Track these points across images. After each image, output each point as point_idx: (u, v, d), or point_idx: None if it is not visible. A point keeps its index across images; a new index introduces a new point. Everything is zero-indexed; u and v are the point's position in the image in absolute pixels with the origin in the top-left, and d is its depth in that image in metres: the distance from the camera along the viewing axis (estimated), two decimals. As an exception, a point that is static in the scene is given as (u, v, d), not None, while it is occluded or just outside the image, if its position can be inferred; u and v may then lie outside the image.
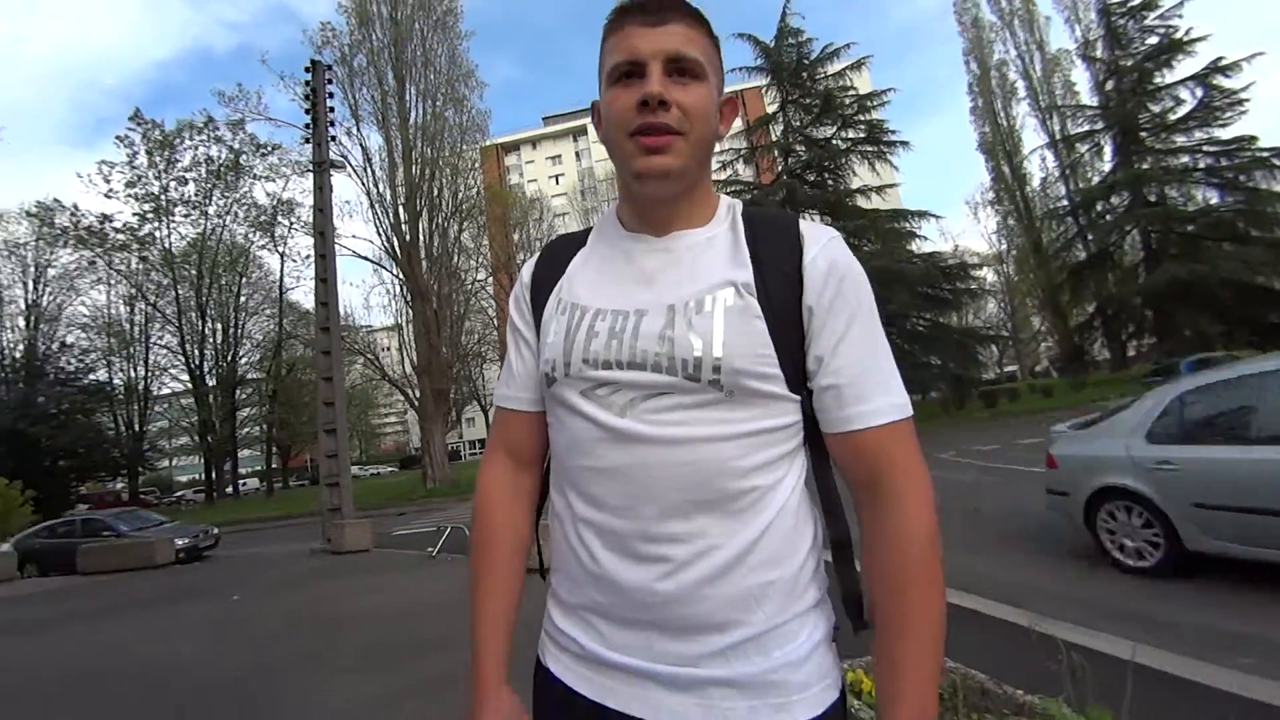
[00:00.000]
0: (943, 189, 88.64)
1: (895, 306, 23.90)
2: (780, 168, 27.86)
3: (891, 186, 27.92)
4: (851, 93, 26.55)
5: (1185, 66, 24.61)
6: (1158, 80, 25.31)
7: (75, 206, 30.64)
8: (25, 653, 5.81)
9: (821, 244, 0.76)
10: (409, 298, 25.02)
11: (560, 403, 0.80)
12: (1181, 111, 24.79)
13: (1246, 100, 23.12)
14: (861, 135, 26.73)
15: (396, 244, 23.44)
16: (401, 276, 24.60)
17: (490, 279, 35.99)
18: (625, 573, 0.73)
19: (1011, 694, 1.60)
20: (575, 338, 0.77)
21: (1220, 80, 23.61)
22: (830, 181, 27.53)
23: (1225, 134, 23.82)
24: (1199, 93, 24.24)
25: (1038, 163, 36.95)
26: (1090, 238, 28.31)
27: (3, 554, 12.61)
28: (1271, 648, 2.79)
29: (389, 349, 35.95)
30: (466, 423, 55.82)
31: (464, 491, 21.32)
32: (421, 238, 23.84)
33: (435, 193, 24.29)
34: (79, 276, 32.51)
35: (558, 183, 60.44)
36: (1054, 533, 5.15)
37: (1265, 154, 22.82)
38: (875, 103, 26.23)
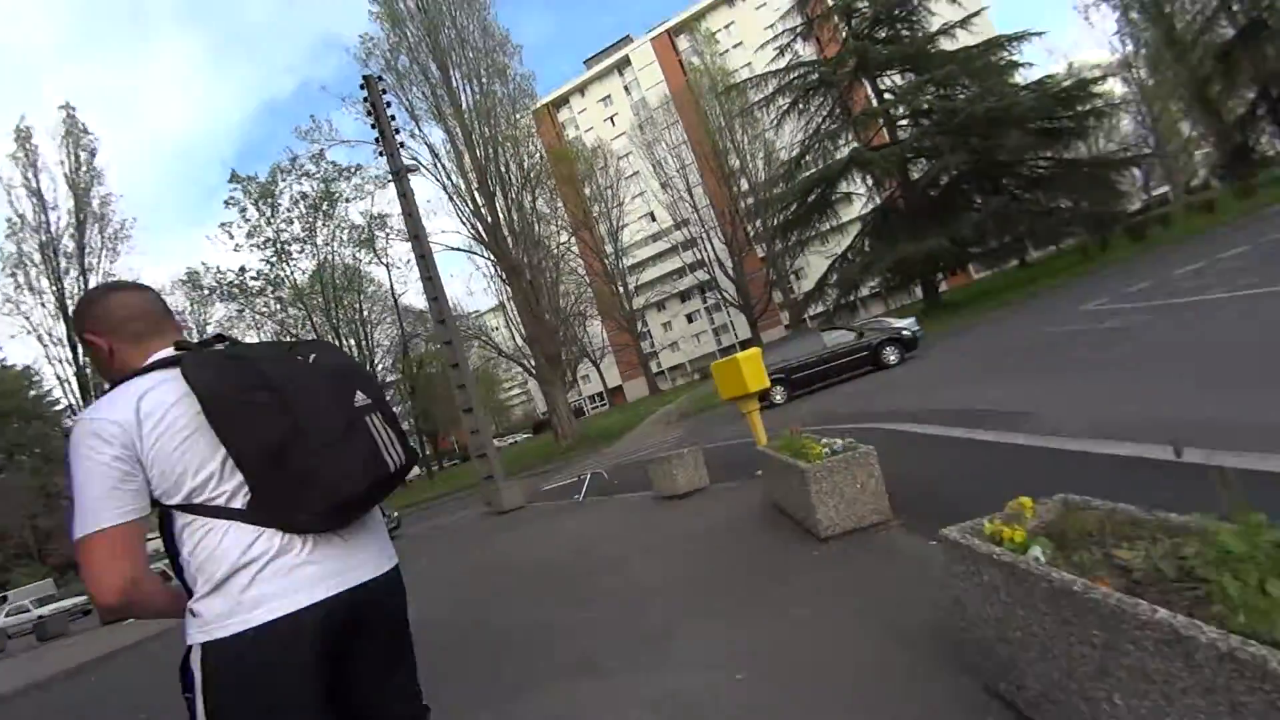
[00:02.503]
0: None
1: (1008, 153, 21.40)
2: (845, 32, 25.24)
3: (977, 15, 24.39)
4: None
5: None
6: None
7: (218, 268, 34.95)
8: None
9: None
10: (504, 276, 26.17)
11: None
12: None
13: None
14: (930, -35, 23.46)
15: (480, 228, 24.40)
16: (493, 257, 25.69)
17: (572, 239, 36.56)
18: None
19: (1164, 519, 1.54)
20: None
21: None
22: (905, 32, 24.61)
23: None
24: None
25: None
26: (1236, 8, 23.25)
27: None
28: None
29: (497, 328, 38.11)
30: (582, 380, 58.25)
31: (595, 443, 22.54)
32: (501, 216, 24.59)
33: (503, 169, 24.79)
34: (231, 327, 37.26)
35: (613, 124, 59.13)
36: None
37: None
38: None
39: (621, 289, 47.10)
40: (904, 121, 24.92)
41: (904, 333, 13.72)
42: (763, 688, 2.27)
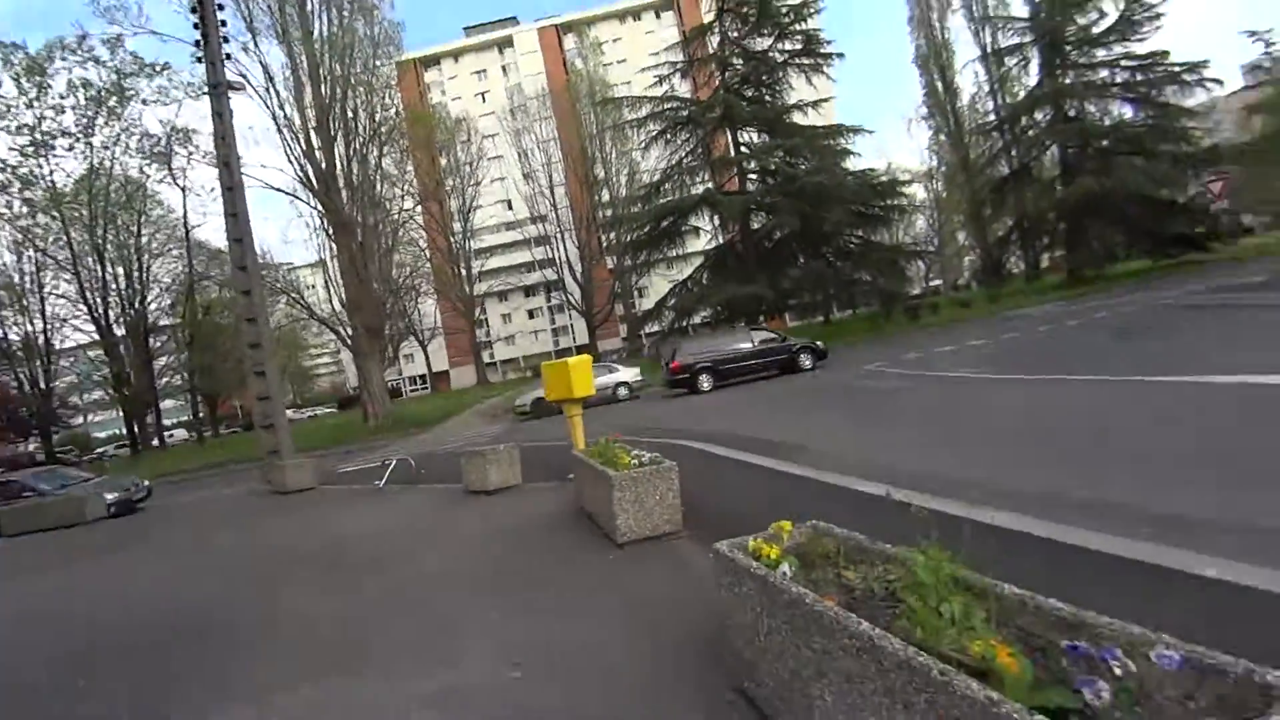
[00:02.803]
0: (878, 104, 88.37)
1: (830, 225, 24.36)
2: (718, 82, 27.06)
3: (826, 101, 27.79)
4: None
5: (1110, -25, 25.01)
6: (1085, -12, 25.63)
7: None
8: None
9: None
10: (331, 231, 23.60)
11: None
12: (1104, 25, 25.35)
13: (1163, 14, 23.92)
14: (798, 47, 26.24)
15: (311, 172, 21.80)
16: (320, 208, 23.07)
17: (418, 208, 34.23)
18: None
19: (883, 548, 1.87)
20: None
21: (1139, -10, 24.22)
22: (768, 97, 27.04)
23: (1141, 49, 24.65)
24: (1120, 3, 24.80)
25: (970, 78, 37.40)
26: (1014, 153, 29.22)
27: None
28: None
29: (314, 287, 34.17)
30: (405, 359, 54.51)
31: (408, 428, 21.18)
32: (339, 165, 22.22)
33: (350, 114, 22.48)
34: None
35: (484, 100, 56.76)
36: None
37: (1177, 69, 23.80)
38: (812, 9, 25.61)
39: (464, 271, 45.06)
40: (753, 175, 27.30)
41: (818, 344, 15.66)
42: (535, 683, 2.32)
